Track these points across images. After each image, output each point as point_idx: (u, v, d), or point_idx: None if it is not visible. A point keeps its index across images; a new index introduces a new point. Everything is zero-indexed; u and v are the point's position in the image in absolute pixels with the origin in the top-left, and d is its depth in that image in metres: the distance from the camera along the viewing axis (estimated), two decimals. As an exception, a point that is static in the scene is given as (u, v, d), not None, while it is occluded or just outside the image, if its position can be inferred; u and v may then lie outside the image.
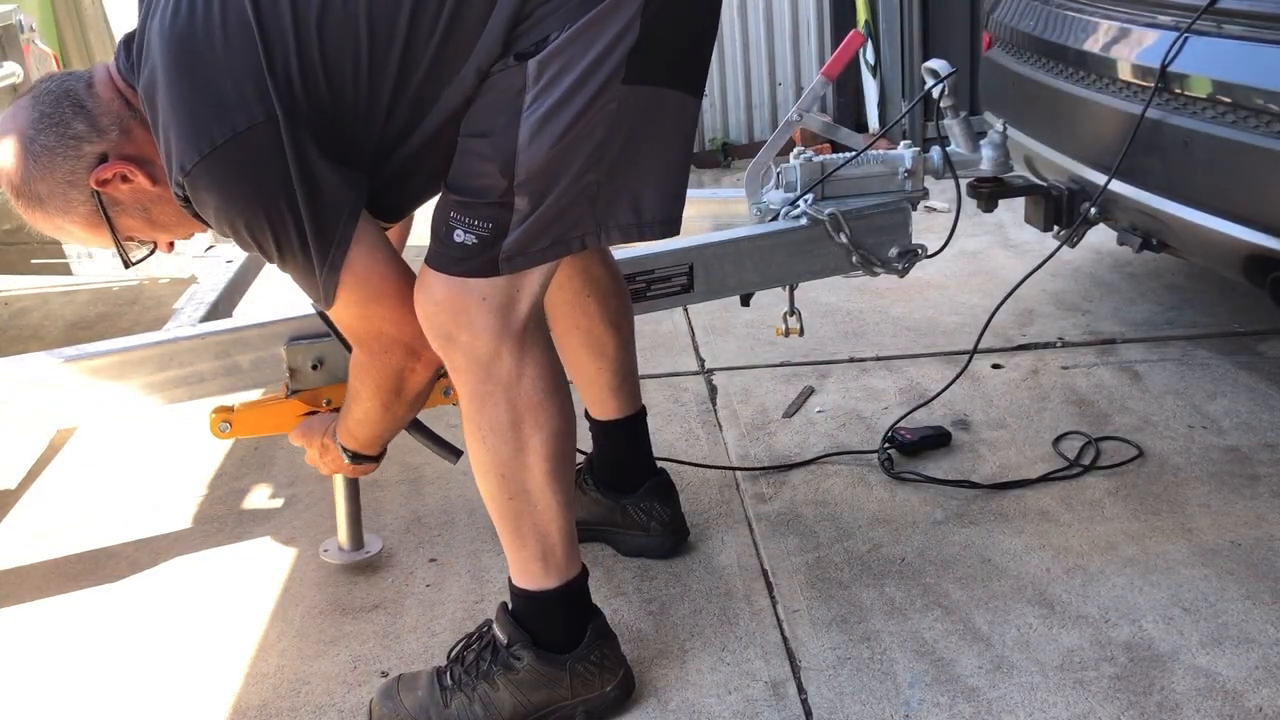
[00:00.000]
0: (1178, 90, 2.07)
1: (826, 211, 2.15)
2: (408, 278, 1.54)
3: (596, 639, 1.68)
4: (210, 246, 2.85)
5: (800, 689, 1.75)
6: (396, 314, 1.53)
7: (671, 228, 1.54)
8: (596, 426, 2.06)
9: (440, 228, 1.50)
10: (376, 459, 1.85)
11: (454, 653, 1.72)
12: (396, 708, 1.69)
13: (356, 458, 1.82)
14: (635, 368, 2.05)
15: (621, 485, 2.07)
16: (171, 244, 1.69)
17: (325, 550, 2.11)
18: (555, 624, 1.66)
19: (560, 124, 1.40)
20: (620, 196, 1.49)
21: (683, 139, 1.54)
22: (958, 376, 2.49)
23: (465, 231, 1.46)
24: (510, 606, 1.69)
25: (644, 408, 2.07)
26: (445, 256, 1.49)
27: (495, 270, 1.47)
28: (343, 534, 2.08)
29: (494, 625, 1.69)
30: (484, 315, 1.49)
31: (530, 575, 1.64)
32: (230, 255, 2.34)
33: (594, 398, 2.03)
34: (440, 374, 1.65)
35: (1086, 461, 2.30)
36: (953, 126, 2.37)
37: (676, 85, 1.49)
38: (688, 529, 2.10)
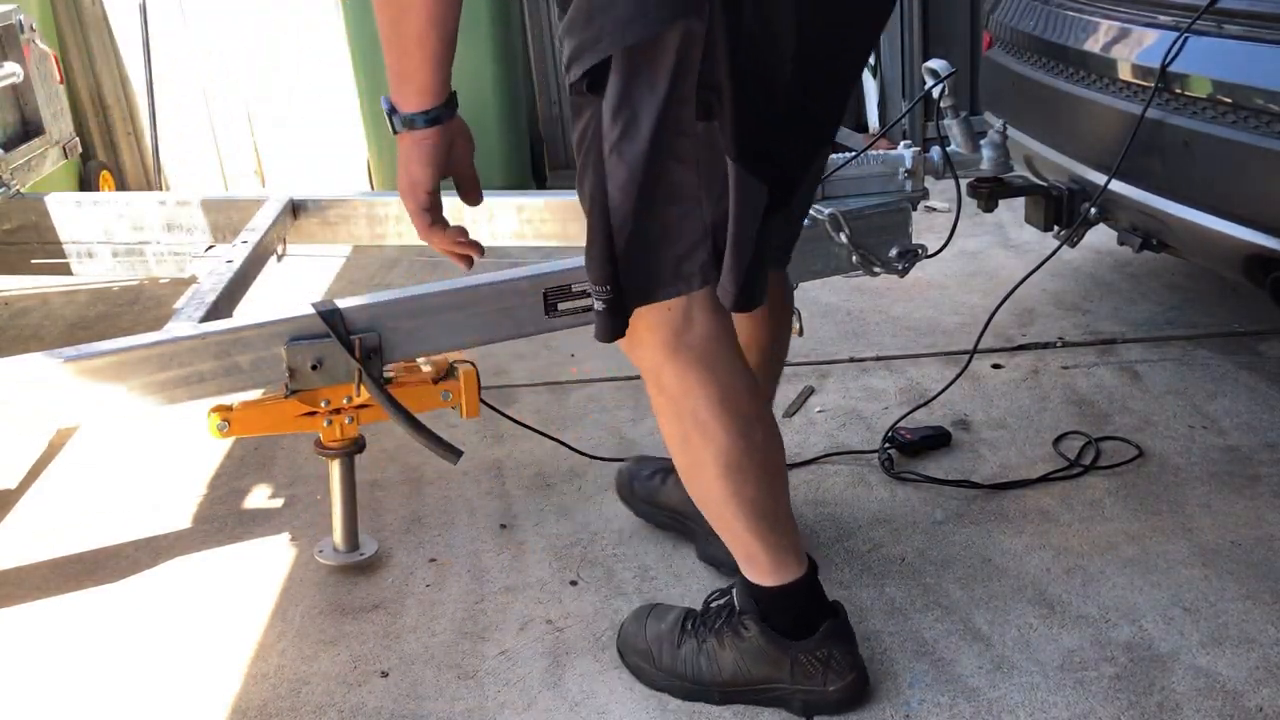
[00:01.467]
0: (1178, 90, 2.07)
1: (826, 211, 2.15)
2: None
3: (828, 637, 1.66)
4: (210, 246, 2.86)
5: (800, 689, 1.75)
6: None
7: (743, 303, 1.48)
8: None
9: None
10: (430, 115, 1.40)
11: (707, 600, 1.77)
12: (639, 630, 1.79)
13: (407, 122, 1.41)
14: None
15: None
16: None
17: (320, 551, 2.11)
18: (781, 612, 1.66)
19: (630, 166, 1.37)
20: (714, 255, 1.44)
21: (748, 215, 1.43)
22: (958, 376, 2.49)
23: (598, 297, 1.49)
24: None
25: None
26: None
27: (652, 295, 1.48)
28: (338, 535, 2.09)
29: (734, 591, 1.70)
30: (647, 327, 1.50)
31: (747, 570, 1.66)
32: (230, 255, 2.34)
33: None
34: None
35: (1087, 461, 2.30)
36: (953, 126, 2.37)
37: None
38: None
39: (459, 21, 1.31)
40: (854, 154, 2.24)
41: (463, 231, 1.51)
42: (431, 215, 1.45)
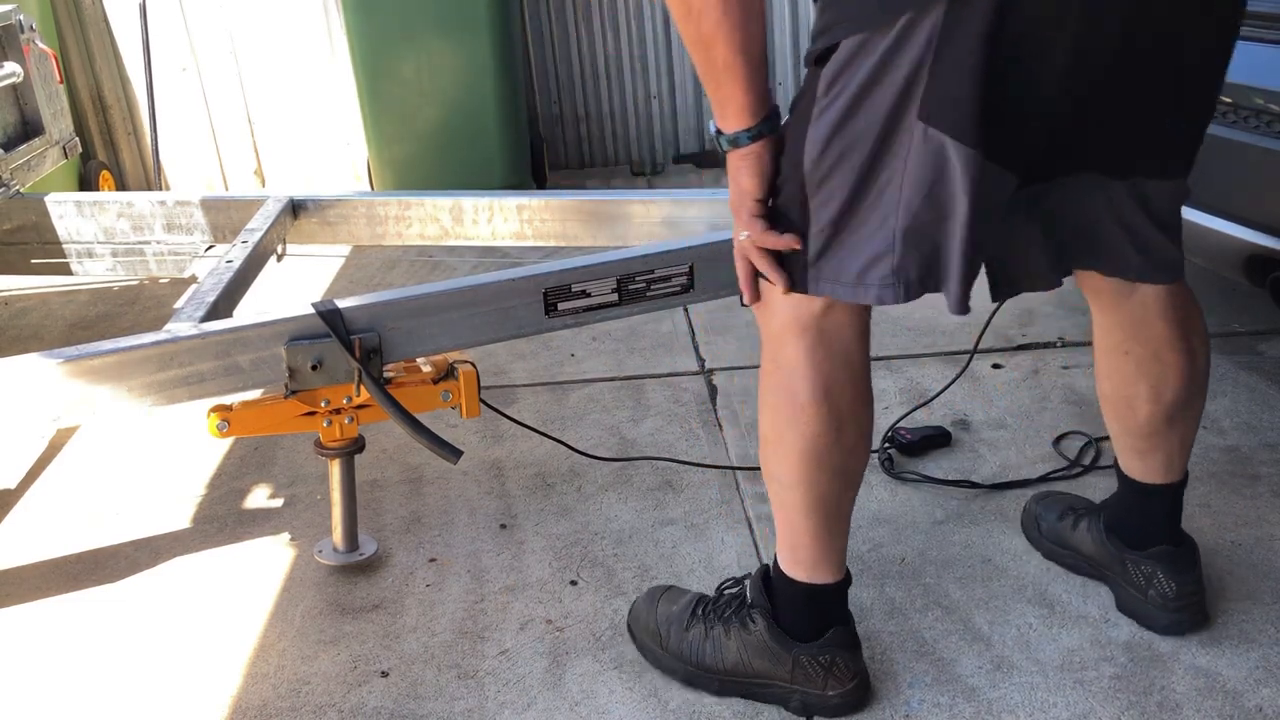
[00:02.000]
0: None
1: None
2: None
3: (833, 644, 1.65)
4: (210, 246, 2.86)
5: (800, 689, 1.75)
6: None
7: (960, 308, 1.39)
8: (1119, 473, 1.84)
9: None
10: (752, 132, 1.41)
11: (720, 587, 1.79)
12: (650, 610, 1.81)
13: (731, 141, 1.43)
14: (1178, 436, 1.74)
15: (1128, 538, 1.84)
16: None
17: (320, 551, 2.11)
18: (794, 611, 1.66)
19: (843, 143, 1.34)
20: (916, 251, 1.38)
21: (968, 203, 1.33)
22: (958, 376, 2.49)
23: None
24: (768, 571, 1.71)
25: (1183, 479, 1.80)
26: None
27: (804, 285, 1.45)
28: (338, 535, 2.09)
29: (747, 581, 1.73)
30: (779, 299, 1.49)
31: (782, 558, 1.66)
32: (230, 255, 2.34)
33: (1119, 448, 1.81)
34: None
35: (1087, 461, 2.30)
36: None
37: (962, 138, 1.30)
38: (1203, 610, 1.80)
39: (764, 44, 1.36)
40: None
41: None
42: (763, 222, 1.46)
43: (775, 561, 1.68)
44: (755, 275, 1.51)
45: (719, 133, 1.44)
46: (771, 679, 1.68)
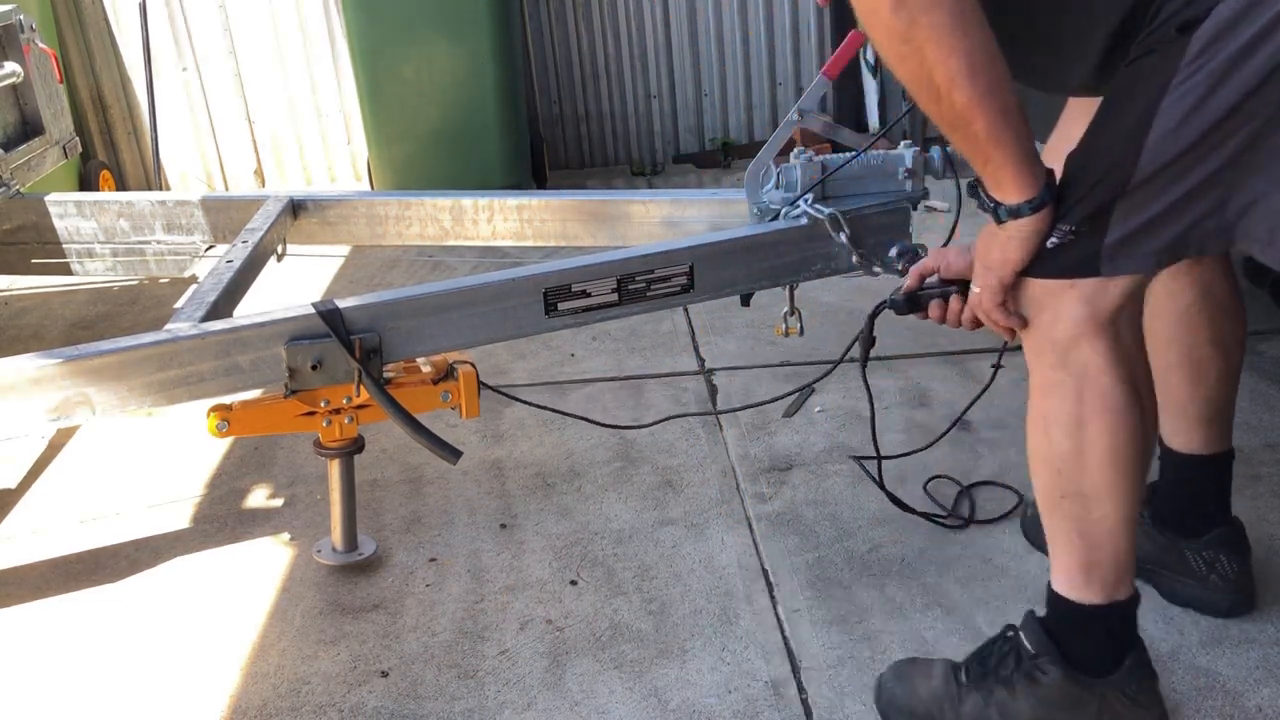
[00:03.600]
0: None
1: (826, 211, 2.14)
2: None
3: (1136, 671, 1.53)
4: (210, 246, 2.85)
5: (800, 689, 1.75)
6: None
7: None
8: (1170, 457, 1.83)
9: None
10: (1035, 202, 1.34)
11: (983, 649, 1.63)
12: (910, 692, 1.64)
13: (1013, 212, 1.35)
14: (1233, 400, 1.80)
15: (1184, 526, 1.82)
16: None
17: (319, 551, 2.11)
18: (1090, 642, 1.53)
19: (1211, 113, 1.22)
20: (1256, 204, 1.28)
21: None
22: (990, 382, 2.35)
23: (1053, 235, 1.35)
24: (1044, 615, 1.57)
25: (1233, 449, 1.83)
26: (1034, 261, 1.39)
27: (1095, 269, 1.34)
28: (337, 535, 2.09)
29: (1020, 632, 1.58)
30: (1070, 300, 1.38)
31: (1072, 583, 1.51)
32: (230, 255, 2.34)
33: (1177, 425, 1.80)
34: None
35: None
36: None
37: None
38: (1254, 590, 1.84)
39: (1023, 113, 1.28)
40: (854, 154, 2.24)
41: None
42: (1005, 293, 1.43)
43: (1053, 599, 1.54)
44: (1080, 258, 1.37)
45: (996, 204, 1.36)
46: None
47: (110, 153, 5.08)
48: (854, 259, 2.20)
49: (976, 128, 1.28)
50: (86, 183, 4.60)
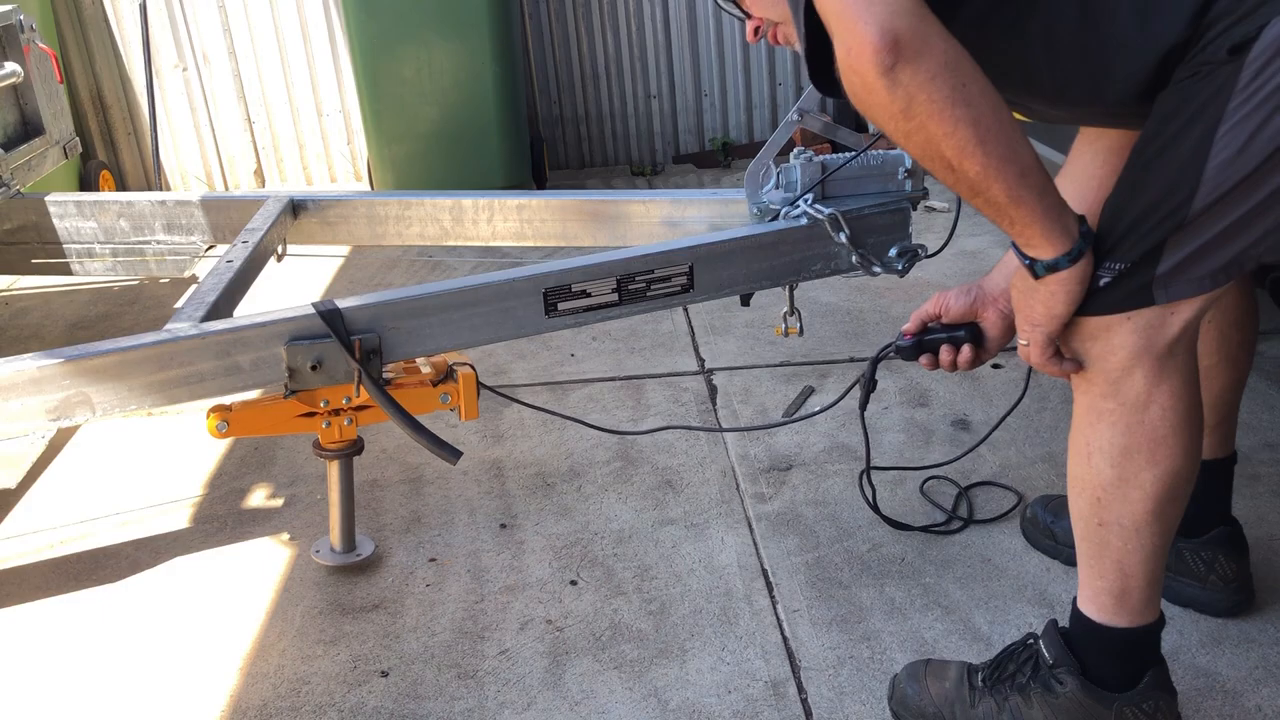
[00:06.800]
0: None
1: (826, 211, 2.15)
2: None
3: (1154, 688, 1.51)
4: (210, 246, 2.86)
5: (800, 689, 1.75)
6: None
7: None
8: None
9: None
10: (1072, 254, 1.31)
11: (1001, 656, 1.62)
12: (921, 692, 1.64)
13: (1050, 267, 1.32)
14: (1237, 407, 1.81)
15: (1183, 527, 1.73)
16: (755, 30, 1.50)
17: (317, 551, 2.11)
18: (1110, 660, 1.52)
19: (1273, 137, 1.19)
20: None
21: None
22: (1020, 398, 2.34)
23: (1102, 274, 1.32)
24: (1065, 626, 1.56)
25: (1235, 453, 1.84)
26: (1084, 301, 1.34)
27: (1149, 298, 1.30)
28: (335, 535, 2.09)
29: (1040, 641, 1.57)
30: (1125, 332, 1.33)
31: (1099, 607, 1.49)
32: (230, 255, 2.34)
33: None
34: None
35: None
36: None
37: None
38: (1254, 590, 1.85)
39: (1035, 153, 1.25)
40: (854, 154, 2.24)
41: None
42: (1054, 346, 1.40)
43: (1078, 617, 1.53)
44: (1126, 294, 1.34)
45: (1031, 260, 1.32)
46: None
47: (110, 153, 5.08)
48: (854, 259, 2.20)
49: (995, 193, 1.25)
50: (86, 183, 4.60)
